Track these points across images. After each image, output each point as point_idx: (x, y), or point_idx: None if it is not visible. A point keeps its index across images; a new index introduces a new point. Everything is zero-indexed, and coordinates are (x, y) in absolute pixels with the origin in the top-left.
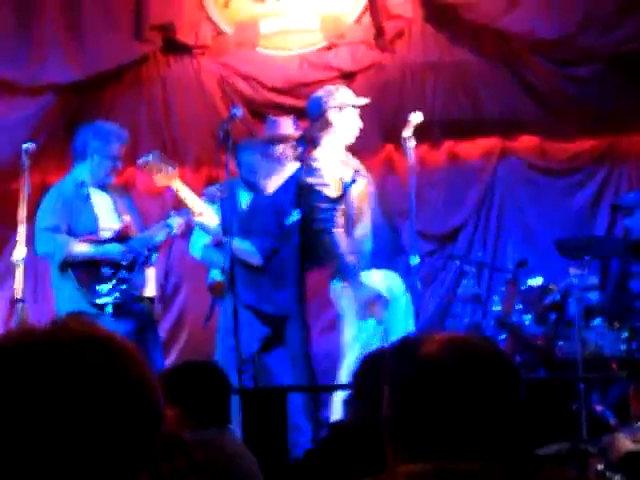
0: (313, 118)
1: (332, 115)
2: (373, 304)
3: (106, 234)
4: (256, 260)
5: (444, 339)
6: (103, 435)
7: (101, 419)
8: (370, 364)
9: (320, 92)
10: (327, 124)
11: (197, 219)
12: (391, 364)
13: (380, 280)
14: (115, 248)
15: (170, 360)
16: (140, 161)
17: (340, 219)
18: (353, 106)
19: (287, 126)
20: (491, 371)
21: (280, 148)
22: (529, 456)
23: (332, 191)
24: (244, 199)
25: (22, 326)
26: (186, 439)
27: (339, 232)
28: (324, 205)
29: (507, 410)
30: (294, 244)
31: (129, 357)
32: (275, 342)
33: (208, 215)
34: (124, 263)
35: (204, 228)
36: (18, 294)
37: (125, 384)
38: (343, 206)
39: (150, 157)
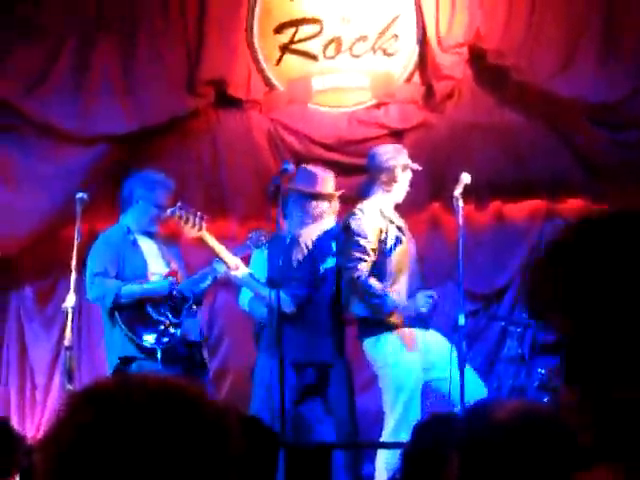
0: (377, 171)
1: (398, 172)
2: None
3: (155, 279)
4: (289, 308)
5: (515, 407)
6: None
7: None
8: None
9: (388, 147)
10: (392, 179)
11: (232, 273)
12: (463, 429)
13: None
14: (161, 283)
15: None
16: (168, 211)
17: (368, 268)
18: (411, 169)
19: (327, 184)
20: (557, 440)
21: (317, 205)
22: None
23: (369, 243)
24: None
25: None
26: None
27: (369, 278)
28: (357, 254)
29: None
30: (327, 291)
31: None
32: (314, 392)
33: (242, 269)
34: (170, 303)
35: (239, 282)
36: (67, 342)
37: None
38: (375, 259)
39: (177, 208)
